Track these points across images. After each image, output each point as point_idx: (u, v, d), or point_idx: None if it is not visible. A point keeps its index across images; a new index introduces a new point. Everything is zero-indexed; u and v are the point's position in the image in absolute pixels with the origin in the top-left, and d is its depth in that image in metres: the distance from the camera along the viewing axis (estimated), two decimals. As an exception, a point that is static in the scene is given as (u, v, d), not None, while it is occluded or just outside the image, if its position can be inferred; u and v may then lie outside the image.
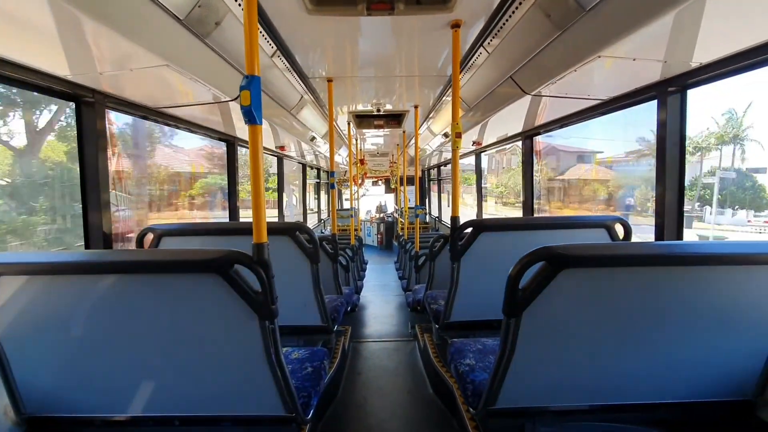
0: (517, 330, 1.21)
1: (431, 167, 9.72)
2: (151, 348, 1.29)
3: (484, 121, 3.49)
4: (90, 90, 1.93)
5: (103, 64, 1.69)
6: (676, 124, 1.94)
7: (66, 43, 1.47)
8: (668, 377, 1.31)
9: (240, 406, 1.39)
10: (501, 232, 2.08)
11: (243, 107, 1.21)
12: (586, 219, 2.11)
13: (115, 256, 1.22)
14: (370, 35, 2.27)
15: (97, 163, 1.98)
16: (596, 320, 1.22)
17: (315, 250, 2.10)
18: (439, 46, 2.45)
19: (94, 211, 2.00)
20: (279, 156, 5.67)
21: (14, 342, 1.27)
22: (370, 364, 3.06)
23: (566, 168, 8.93)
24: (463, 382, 1.56)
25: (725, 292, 1.18)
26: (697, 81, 1.82)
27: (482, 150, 5.18)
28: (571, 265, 1.12)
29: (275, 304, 1.22)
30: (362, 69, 2.91)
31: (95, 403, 1.38)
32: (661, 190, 1.98)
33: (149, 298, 1.23)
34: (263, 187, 1.30)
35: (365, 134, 6.34)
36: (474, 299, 2.19)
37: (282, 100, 3.15)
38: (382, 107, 4.22)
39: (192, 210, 5.04)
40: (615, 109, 2.40)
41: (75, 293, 1.22)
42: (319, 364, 1.69)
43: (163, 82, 2.01)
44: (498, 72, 2.46)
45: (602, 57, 1.65)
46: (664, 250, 1.15)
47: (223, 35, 1.86)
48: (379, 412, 2.37)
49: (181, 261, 1.18)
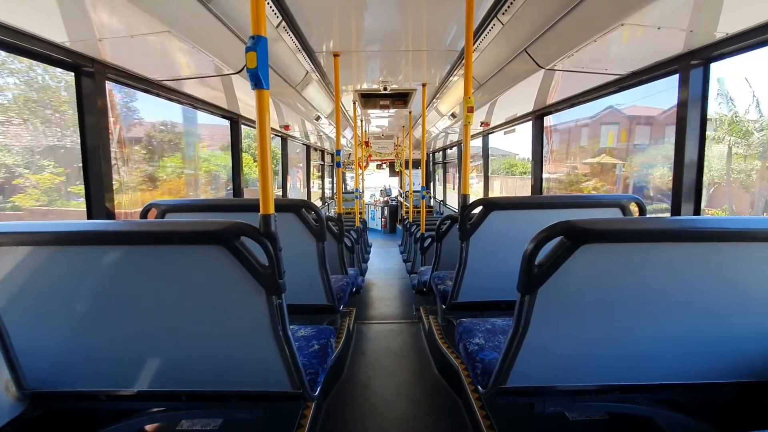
0: (531, 308, 1.17)
1: (436, 150, 9.61)
2: (156, 321, 1.26)
3: (492, 100, 3.40)
4: (90, 59, 1.86)
5: (103, 29, 1.63)
6: (698, 100, 1.87)
7: (64, 6, 1.41)
8: (682, 357, 1.28)
9: (247, 381, 1.37)
10: (512, 211, 2.03)
11: (249, 70, 1.15)
12: (601, 198, 2.05)
13: (119, 227, 1.18)
14: (380, 6, 2.18)
15: (98, 136, 1.93)
16: (612, 298, 1.18)
17: (321, 228, 2.07)
18: (450, 19, 2.36)
19: (97, 184, 1.97)
20: (283, 136, 5.60)
21: (15, 315, 1.25)
22: (375, 345, 3.06)
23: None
24: (472, 361, 1.54)
25: (746, 270, 1.14)
26: (721, 54, 1.74)
27: (490, 131, 5.08)
28: (591, 240, 1.07)
29: (282, 278, 1.19)
30: (370, 43, 2.82)
31: (99, 378, 1.36)
32: (679, 166, 1.91)
33: (154, 270, 1.20)
34: (270, 158, 1.25)
35: (370, 115, 6.24)
36: (482, 279, 2.16)
37: (287, 76, 3.07)
38: (389, 86, 4.13)
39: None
40: (632, 85, 2.31)
41: (78, 264, 1.19)
42: (325, 341, 1.68)
43: (165, 52, 1.94)
44: (512, 45, 2.36)
45: (625, 25, 1.56)
46: (689, 225, 1.10)
47: (228, 1, 1.78)
48: (384, 392, 2.38)
49: (187, 232, 1.14)
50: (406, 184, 9.22)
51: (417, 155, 10.14)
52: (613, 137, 5.11)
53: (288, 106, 3.83)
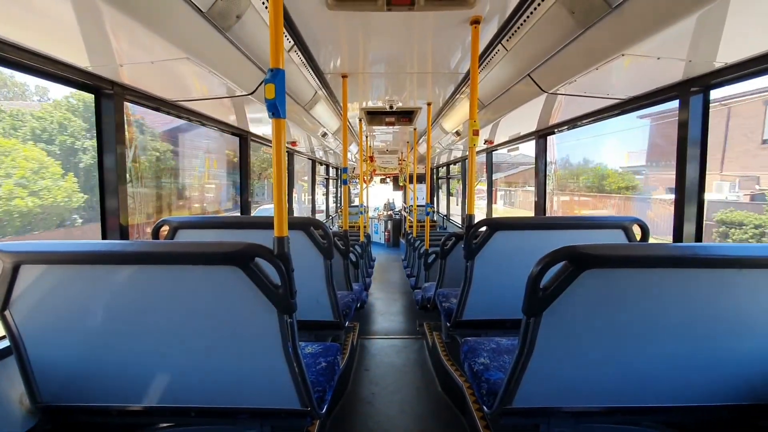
0: (536, 330, 1.20)
1: (439, 165, 9.70)
2: (169, 339, 1.29)
3: (497, 119, 3.46)
4: (109, 82, 1.94)
5: (124, 56, 1.70)
6: (698, 125, 1.91)
7: (87, 34, 1.47)
8: (685, 380, 1.30)
9: (256, 398, 1.39)
10: (516, 232, 2.06)
11: (267, 101, 1.21)
12: (604, 219, 2.08)
13: (135, 247, 1.22)
14: (388, 31, 2.26)
15: (116, 155, 1.99)
16: (616, 321, 1.20)
17: (329, 246, 2.10)
18: (456, 43, 2.43)
19: (112, 203, 2.02)
20: (290, 151, 5.68)
21: (33, 330, 1.28)
22: (378, 361, 3.07)
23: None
24: (477, 381, 1.55)
25: (746, 295, 1.16)
26: (720, 81, 1.79)
27: (494, 149, 5.15)
28: (594, 265, 1.11)
29: (294, 298, 1.22)
30: (377, 65, 2.90)
31: (111, 393, 1.39)
32: (680, 191, 1.95)
33: (168, 289, 1.23)
34: (285, 180, 1.30)
35: (374, 131, 6.33)
36: (487, 298, 2.18)
37: (297, 95, 3.15)
38: (395, 104, 4.21)
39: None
40: (633, 109, 2.36)
41: (94, 283, 1.23)
42: (332, 359, 1.70)
43: (181, 75, 2.02)
44: (516, 70, 2.43)
45: (626, 55, 1.62)
46: (690, 252, 1.13)
47: (244, 29, 1.86)
48: (387, 409, 2.38)
49: (203, 253, 1.18)
50: (410, 199, 9.28)
51: (421, 170, 10.23)
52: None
53: (296, 123, 3.91)
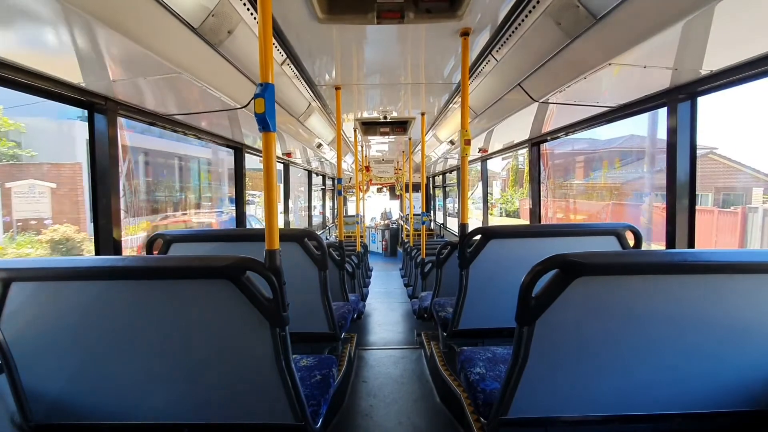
0: (530, 339, 1.19)
1: (436, 174, 9.74)
2: (161, 354, 1.28)
3: (490, 128, 3.50)
4: (103, 97, 1.95)
5: (117, 72, 1.71)
6: (687, 131, 1.94)
7: (80, 51, 1.49)
8: (682, 387, 1.29)
9: (249, 413, 1.37)
10: (510, 240, 2.07)
11: (257, 115, 1.21)
12: (596, 226, 2.09)
13: (126, 262, 1.22)
14: (379, 43, 2.29)
15: (109, 170, 1.99)
16: (610, 329, 1.20)
17: (323, 257, 2.10)
18: (447, 54, 2.46)
19: (105, 218, 2.01)
20: (285, 163, 5.70)
21: (23, 348, 1.27)
22: (376, 372, 3.04)
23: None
24: (473, 391, 1.54)
25: (740, 301, 1.16)
26: (707, 88, 1.82)
27: (488, 157, 5.18)
28: (585, 273, 1.11)
29: (287, 311, 1.22)
30: (370, 77, 2.93)
31: (103, 410, 1.37)
32: (671, 197, 1.96)
33: (160, 303, 1.22)
34: (276, 193, 1.30)
35: (370, 141, 6.36)
36: (483, 307, 2.17)
37: (291, 108, 3.17)
38: (389, 114, 4.25)
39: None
40: (624, 116, 2.39)
41: (85, 299, 1.22)
42: (327, 372, 1.68)
43: (175, 90, 2.03)
44: (506, 80, 2.47)
45: (612, 64, 1.65)
46: (681, 258, 1.13)
47: (235, 43, 1.88)
48: (386, 421, 2.35)
49: (194, 267, 1.18)
50: (407, 208, 9.30)
51: (417, 179, 10.26)
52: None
53: (290, 135, 3.93)
